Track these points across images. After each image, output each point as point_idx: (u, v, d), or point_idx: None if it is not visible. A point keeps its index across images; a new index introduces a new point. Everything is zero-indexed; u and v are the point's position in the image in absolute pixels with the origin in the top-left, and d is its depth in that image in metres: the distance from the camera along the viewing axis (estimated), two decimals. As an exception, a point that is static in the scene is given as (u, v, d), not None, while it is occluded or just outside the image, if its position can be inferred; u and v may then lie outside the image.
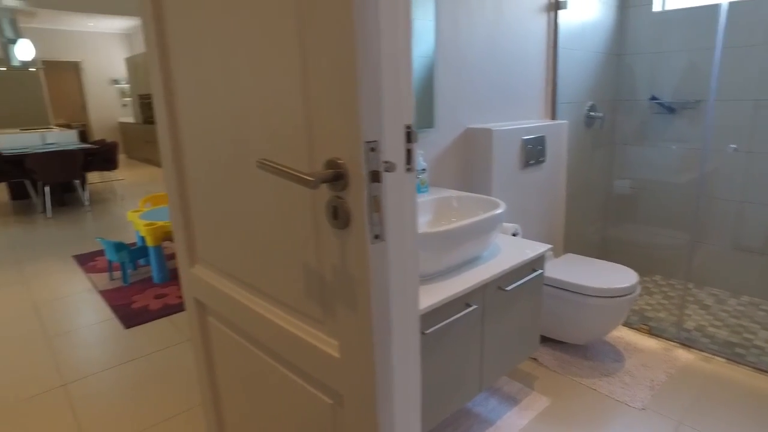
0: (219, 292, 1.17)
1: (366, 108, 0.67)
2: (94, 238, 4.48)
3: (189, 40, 1.02)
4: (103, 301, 3.09)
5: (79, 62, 10.13)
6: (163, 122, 1.19)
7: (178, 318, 2.82)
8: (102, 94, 10.47)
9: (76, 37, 10.00)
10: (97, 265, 3.74)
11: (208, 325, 1.31)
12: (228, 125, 0.96)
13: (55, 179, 5.44)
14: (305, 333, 0.90)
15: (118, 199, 6.29)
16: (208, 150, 1.06)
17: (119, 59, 10.54)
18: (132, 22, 9.50)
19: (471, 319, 1.53)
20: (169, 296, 3.08)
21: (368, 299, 0.74)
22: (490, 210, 1.71)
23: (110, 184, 7.47)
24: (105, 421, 1.94)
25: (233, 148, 0.96)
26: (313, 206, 0.80)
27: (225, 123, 0.97)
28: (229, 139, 0.96)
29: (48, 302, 3.12)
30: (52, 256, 4.07)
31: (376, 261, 0.73)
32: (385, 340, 0.78)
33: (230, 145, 0.97)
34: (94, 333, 2.69)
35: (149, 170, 8.78)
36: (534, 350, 1.88)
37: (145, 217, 3.38)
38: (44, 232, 4.83)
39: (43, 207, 5.84)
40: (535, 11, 2.38)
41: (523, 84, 2.40)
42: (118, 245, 3.23)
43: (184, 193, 1.22)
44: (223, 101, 0.95)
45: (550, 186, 2.53)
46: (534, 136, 2.34)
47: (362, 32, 0.65)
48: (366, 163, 0.68)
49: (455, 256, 1.53)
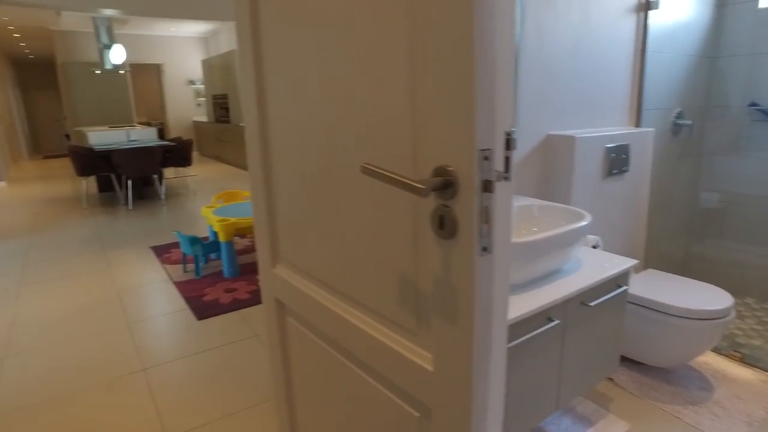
0: (301, 294, 1.18)
1: (481, 114, 0.64)
2: (172, 232, 4.72)
3: (284, 43, 1.03)
4: (177, 291, 3.24)
5: (160, 64, 10.76)
6: (253, 124, 1.21)
7: (247, 313, 2.90)
8: (179, 95, 11.06)
9: (159, 42, 10.63)
10: (172, 256, 3.93)
11: (287, 325, 1.32)
12: (323, 129, 0.96)
13: (137, 174, 5.78)
14: (395, 343, 0.88)
15: (190, 194, 6.60)
16: (298, 153, 1.06)
17: (196, 61, 11.10)
18: (209, 26, 9.97)
19: (552, 334, 1.46)
20: (239, 291, 3.18)
21: (472, 313, 0.70)
22: (574, 221, 1.63)
23: (184, 179, 7.86)
24: (179, 408, 2.02)
25: (328, 151, 0.96)
26: (414, 214, 0.78)
27: (320, 126, 0.97)
28: (324, 143, 0.96)
29: (129, 289, 3.31)
30: (132, 245, 4.33)
31: (483, 274, 0.69)
32: (485, 355, 0.75)
33: (324, 149, 0.97)
34: (170, 322, 2.82)
35: (219, 167, 9.17)
36: (613, 370, 1.77)
37: (218, 213, 3.51)
38: (125, 223, 5.15)
39: (126, 199, 6.23)
40: (624, 12, 2.25)
41: (607, 89, 2.29)
42: (192, 239, 3.38)
43: (270, 193, 1.23)
44: (320, 105, 0.95)
45: (633, 197, 2.39)
46: (618, 144, 2.22)
47: (481, 35, 0.62)
48: (479, 172, 0.65)
49: (538, 267, 1.46)
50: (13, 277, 3.62)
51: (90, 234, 4.76)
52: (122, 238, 4.59)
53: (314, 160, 1.01)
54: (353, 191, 0.91)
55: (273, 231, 1.26)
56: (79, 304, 3.10)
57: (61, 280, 3.54)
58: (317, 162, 1.00)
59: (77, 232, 4.85)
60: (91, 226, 5.04)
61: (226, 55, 8.76)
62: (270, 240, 1.27)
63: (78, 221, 5.30)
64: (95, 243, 4.45)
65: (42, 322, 2.85)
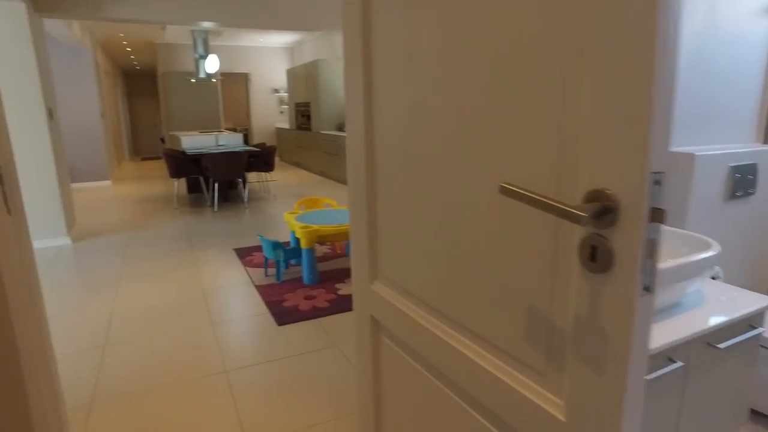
0: (401, 314, 1.11)
1: (657, 131, 0.54)
2: (254, 235, 4.87)
3: (402, 44, 0.97)
4: (258, 295, 3.31)
5: (248, 73, 11.31)
6: (357, 132, 1.17)
7: (326, 321, 2.89)
8: (263, 102, 11.56)
9: (248, 52, 11.19)
10: (254, 260, 4.04)
11: (381, 344, 1.26)
12: (446, 140, 0.89)
13: (224, 177, 6.06)
14: (516, 382, 0.79)
15: (271, 198, 6.81)
16: (411, 164, 1.00)
17: (281, 70, 11.56)
18: (295, 37, 10.35)
19: (673, 377, 1.29)
20: (318, 299, 3.19)
21: (626, 361, 0.60)
22: (698, 249, 1.45)
23: (265, 184, 8.15)
24: (260, 415, 2.02)
25: (449, 165, 0.89)
26: (554, 241, 0.68)
27: (442, 138, 0.90)
28: (446, 156, 0.89)
29: (213, 289, 3.43)
30: (216, 246, 4.51)
31: (643, 316, 0.59)
32: (634, 407, 0.63)
33: (445, 163, 0.90)
34: (251, 325, 2.87)
35: (299, 173, 9.44)
36: (740, 425, 1.55)
37: (300, 220, 3.56)
38: (211, 224, 5.39)
39: (212, 201, 6.55)
40: (755, 14, 2.01)
41: (732, 102, 2.05)
42: (275, 244, 3.45)
43: (372, 205, 1.18)
44: (444, 114, 0.88)
45: (759, 223, 2.12)
46: (744, 164, 1.98)
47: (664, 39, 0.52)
48: (648, 199, 0.55)
49: (658, 299, 1.30)
50: (114, 270, 3.88)
51: (179, 233, 5.02)
52: (208, 238, 4.80)
53: (431, 174, 0.94)
54: (478, 211, 0.83)
55: (373, 245, 1.21)
56: (169, 300, 3.25)
57: (154, 275, 3.74)
58: (435, 176, 0.93)
59: (168, 230, 5.14)
60: (180, 225, 5.33)
61: (310, 65, 9.03)
62: (369, 254, 1.22)
63: (169, 220, 5.62)
64: (184, 241, 4.69)
65: (136, 315, 3.01)
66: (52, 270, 3.95)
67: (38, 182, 4.53)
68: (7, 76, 4.27)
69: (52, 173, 4.57)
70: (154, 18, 4.99)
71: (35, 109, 4.41)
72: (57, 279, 3.73)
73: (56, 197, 4.62)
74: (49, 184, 4.57)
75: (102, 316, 3.01)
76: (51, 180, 4.58)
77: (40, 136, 4.47)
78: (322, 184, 8.05)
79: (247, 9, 5.34)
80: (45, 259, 4.25)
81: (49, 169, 4.55)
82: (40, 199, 4.56)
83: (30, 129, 4.43)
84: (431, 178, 0.94)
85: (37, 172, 4.52)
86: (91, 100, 8.06)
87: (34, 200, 4.54)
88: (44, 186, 4.56)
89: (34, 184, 4.52)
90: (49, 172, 4.56)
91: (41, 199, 4.56)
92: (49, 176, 4.57)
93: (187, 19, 5.14)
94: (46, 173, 4.55)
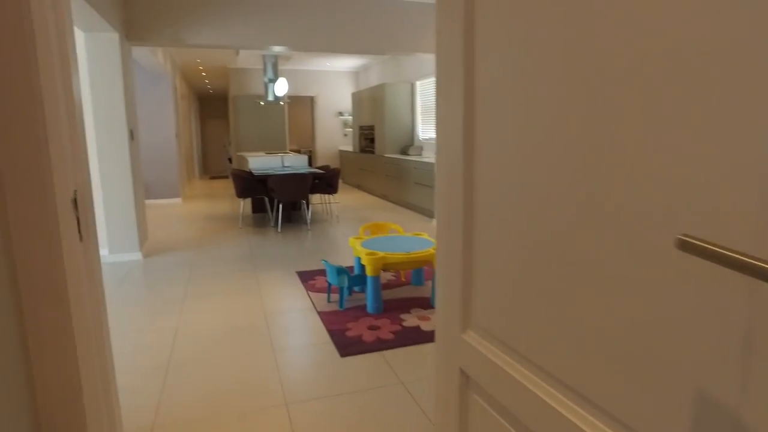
0: (499, 372, 0.94)
1: None
2: (318, 258, 4.83)
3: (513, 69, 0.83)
4: (320, 322, 3.21)
5: (314, 96, 11.58)
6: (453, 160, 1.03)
7: (390, 355, 2.74)
8: (328, 125, 11.77)
9: (314, 76, 11.48)
10: (317, 284, 3.96)
11: (471, 403, 1.09)
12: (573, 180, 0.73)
13: (289, 198, 6.11)
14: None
15: (333, 221, 6.81)
16: (522, 203, 0.85)
17: (346, 94, 11.76)
18: (361, 61, 10.51)
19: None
20: (382, 330, 3.04)
21: None
22: None
23: (327, 206, 8.19)
24: (323, 458, 1.88)
25: (586, 205, 0.72)
26: (748, 310, 0.50)
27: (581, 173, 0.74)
28: (582, 194, 0.73)
29: (276, 313, 3.37)
30: (279, 268, 4.49)
31: None
32: None
33: (580, 202, 0.73)
34: (313, 354, 2.76)
35: (361, 195, 9.45)
36: None
37: (366, 246, 3.46)
38: (274, 245, 5.42)
39: (275, 222, 6.63)
40: None
41: None
42: (339, 270, 3.35)
43: (468, 245, 1.03)
44: (570, 147, 0.73)
45: None
46: None
47: None
48: None
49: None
50: (180, 287, 3.93)
51: (243, 253, 5.07)
52: (271, 259, 4.81)
53: (553, 214, 0.78)
54: (625, 265, 0.66)
55: (467, 289, 1.05)
56: (232, 322, 3.22)
57: (218, 296, 3.75)
58: (559, 217, 0.77)
59: (233, 249, 5.21)
60: (245, 245, 5.39)
61: (376, 88, 9.09)
62: (462, 299, 1.06)
63: (234, 239, 5.71)
64: (248, 262, 4.71)
65: (200, 336, 2.99)
66: (123, 284, 4.06)
67: (116, 199, 4.73)
68: (98, 98, 4.54)
69: (129, 191, 4.76)
70: (231, 43, 5.17)
71: (119, 129, 4.64)
72: (127, 294, 3.81)
73: (131, 214, 4.80)
74: (126, 201, 4.76)
75: (166, 336, 3.01)
76: (128, 197, 4.77)
77: (121, 155, 4.68)
78: (383, 207, 7.98)
79: (316, 34, 5.43)
80: (118, 273, 4.39)
81: (126, 187, 4.75)
82: (118, 215, 4.75)
83: (113, 148, 4.65)
84: (554, 221, 0.78)
85: (116, 189, 4.72)
86: (168, 122, 8.49)
87: (112, 216, 4.74)
88: (122, 202, 4.75)
89: (113, 200, 4.72)
90: (127, 190, 4.76)
91: (118, 215, 4.76)
92: (127, 193, 4.76)
93: (262, 44, 5.28)
94: (124, 190, 4.75)
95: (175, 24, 4.94)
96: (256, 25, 5.21)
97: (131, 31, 4.83)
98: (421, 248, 3.43)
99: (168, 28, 4.93)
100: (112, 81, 4.55)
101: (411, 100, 8.80)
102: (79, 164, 0.97)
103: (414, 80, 8.70)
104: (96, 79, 4.51)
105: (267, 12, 5.21)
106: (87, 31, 4.37)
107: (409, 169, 7.57)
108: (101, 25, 4.16)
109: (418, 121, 8.74)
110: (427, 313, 3.31)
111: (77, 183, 0.95)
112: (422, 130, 8.63)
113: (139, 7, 4.82)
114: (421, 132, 8.65)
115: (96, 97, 4.54)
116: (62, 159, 0.91)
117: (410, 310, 3.38)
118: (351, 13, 5.49)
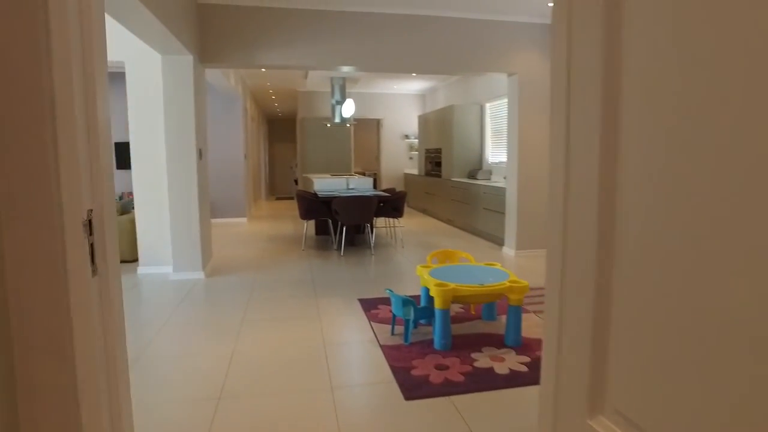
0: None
1: None
2: (381, 285, 4.58)
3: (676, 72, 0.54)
4: (383, 357, 2.94)
5: (380, 119, 11.54)
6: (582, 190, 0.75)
7: (460, 401, 2.41)
8: (393, 147, 11.65)
9: (381, 98, 11.45)
10: (380, 314, 3.70)
11: None
12: None
13: (353, 221, 5.94)
14: None
15: (398, 246, 6.56)
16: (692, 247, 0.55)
17: (412, 116, 11.63)
18: (428, 84, 10.35)
19: None
20: (451, 370, 2.72)
21: None
22: None
23: (392, 229, 7.97)
24: None
25: None
26: None
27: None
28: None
29: (335, 344, 3.13)
30: (341, 295, 4.28)
31: None
32: None
33: None
34: (375, 395, 2.48)
35: (426, 220, 9.17)
36: None
37: (435, 275, 3.17)
38: (336, 269, 5.23)
39: (339, 245, 6.48)
40: None
41: None
42: (405, 300, 3.08)
43: (604, 300, 0.73)
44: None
45: None
46: None
47: None
48: None
49: None
50: (240, 311, 3.80)
51: (305, 276, 4.91)
52: (332, 285, 4.61)
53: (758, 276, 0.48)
54: None
55: (599, 361, 0.75)
56: (289, 352, 3.01)
57: (276, 321, 3.58)
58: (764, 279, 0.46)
59: (294, 272, 5.08)
60: (306, 268, 5.24)
61: (442, 111, 8.86)
62: (590, 375, 0.76)
63: (296, 261, 5.59)
64: (308, 286, 4.54)
65: (255, 365, 2.80)
66: (182, 304, 4.00)
67: (183, 217, 4.75)
68: (171, 117, 4.62)
69: (194, 209, 4.77)
70: (299, 63, 5.13)
71: (188, 148, 4.68)
72: (185, 315, 3.73)
73: (196, 233, 4.79)
74: (191, 219, 4.77)
75: (221, 363, 2.85)
76: (194, 216, 4.77)
77: (188, 174, 4.71)
78: (449, 233, 7.65)
79: (384, 54, 5.29)
80: (180, 292, 4.35)
81: (192, 206, 4.76)
82: (183, 234, 4.76)
83: (181, 167, 4.69)
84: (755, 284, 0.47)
85: (182, 207, 4.74)
86: (237, 143, 8.68)
87: (178, 234, 4.75)
88: (187, 221, 4.76)
89: (179, 219, 4.74)
90: (193, 209, 4.76)
91: (184, 234, 4.76)
92: (192, 212, 4.77)
93: (330, 65, 5.21)
94: (190, 209, 4.76)
95: (246, 47, 4.98)
96: (325, 46, 5.15)
97: (204, 54, 4.91)
98: (496, 280, 3.09)
99: (239, 51, 4.97)
100: (184, 101, 4.61)
101: (480, 122, 8.48)
102: (99, 182, 0.78)
103: (483, 102, 8.39)
104: (169, 99, 4.60)
105: (335, 33, 5.15)
106: (164, 54, 4.47)
107: (477, 193, 7.22)
108: (177, 48, 4.22)
109: (488, 144, 8.38)
110: (502, 353, 2.95)
111: (95, 202, 0.76)
112: (491, 153, 8.27)
113: (213, 30, 4.90)
114: (491, 156, 8.28)
115: (169, 116, 4.62)
116: (74, 174, 0.72)
117: (482, 348, 3.03)
118: (420, 33, 5.33)
